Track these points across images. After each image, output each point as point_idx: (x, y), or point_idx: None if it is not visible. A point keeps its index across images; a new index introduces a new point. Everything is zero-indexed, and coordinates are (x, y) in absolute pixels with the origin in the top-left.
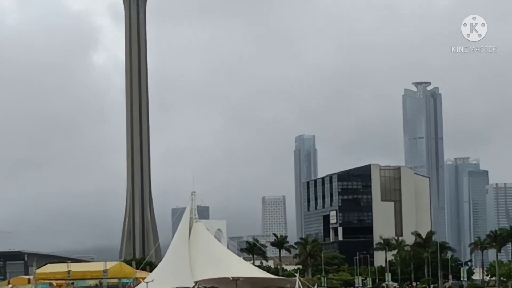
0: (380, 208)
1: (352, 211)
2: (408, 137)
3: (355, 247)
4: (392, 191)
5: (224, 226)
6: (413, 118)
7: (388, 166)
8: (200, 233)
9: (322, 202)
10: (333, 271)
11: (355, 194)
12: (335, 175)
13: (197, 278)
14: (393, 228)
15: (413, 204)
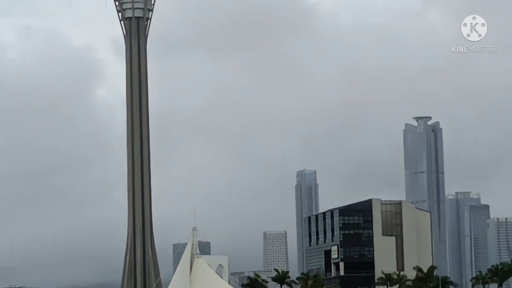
0: (381, 243)
1: (353, 246)
2: (409, 172)
3: (356, 282)
4: (393, 225)
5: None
6: (414, 153)
7: (389, 201)
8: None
9: (324, 237)
10: None
11: (356, 229)
12: (336, 210)
13: None
14: (395, 263)
15: (414, 239)
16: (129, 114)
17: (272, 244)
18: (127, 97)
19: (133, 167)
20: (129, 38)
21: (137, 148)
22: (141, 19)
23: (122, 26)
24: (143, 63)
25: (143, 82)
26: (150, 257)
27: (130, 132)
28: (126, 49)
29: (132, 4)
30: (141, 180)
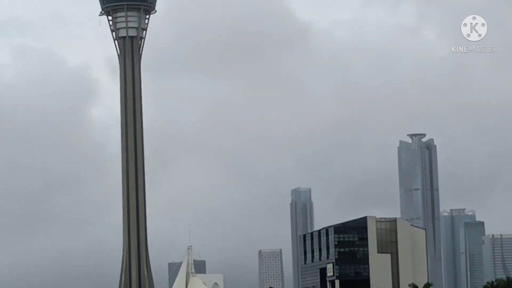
0: (376, 260)
1: (348, 263)
2: (403, 189)
3: None
4: (389, 243)
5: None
6: (408, 170)
7: (384, 218)
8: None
9: (319, 255)
10: None
11: (351, 246)
12: (331, 227)
13: None
14: (390, 280)
15: (409, 256)
16: (124, 133)
17: (267, 262)
18: (122, 116)
19: (128, 186)
20: (123, 58)
21: (132, 167)
22: (135, 38)
23: (116, 45)
24: (137, 82)
25: (137, 101)
26: (146, 276)
27: (125, 151)
28: (120, 69)
29: (126, 24)
30: (136, 199)
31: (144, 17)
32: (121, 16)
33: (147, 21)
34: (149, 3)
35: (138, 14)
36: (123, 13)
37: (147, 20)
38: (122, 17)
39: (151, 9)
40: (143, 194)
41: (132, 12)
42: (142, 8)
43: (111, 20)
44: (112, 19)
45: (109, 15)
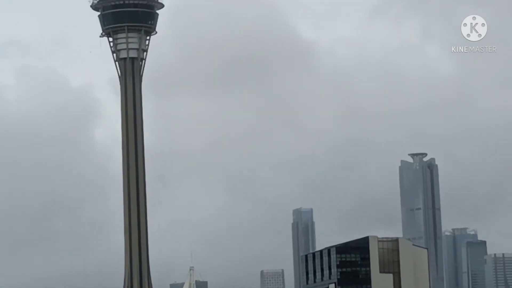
0: (379, 280)
1: (351, 283)
2: (405, 208)
3: None
4: (391, 262)
5: None
6: (410, 189)
7: (386, 238)
8: None
9: (321, 275)
10: None
11: (353, 266)
12: (333, 247)
13: None
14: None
15: (412, 276)
16: (125, 154)
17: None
18: (123, 137)
19: (129, 207)
20: (124, 79)
21: (133, 188)
22: (136, 59)
23: (116, 66)
24: (138, 103)
25: (138, 122)
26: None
27: (126, 172)
28: (121, 90)
29: (126, 45)
30: (138, 220)
31: (144, 39)
32: (122, 37)
33: (148, 42)
34: (150, 24)
35: (138, 36)
36: (123, 34)
37: (147, 41)
38: (122, 38)
39: (151, 30)
40: (144, 215)
41: (133, 33)
42: (142, 29)
43: (111, 41)
44: (112, 40)
45: (110, 37)
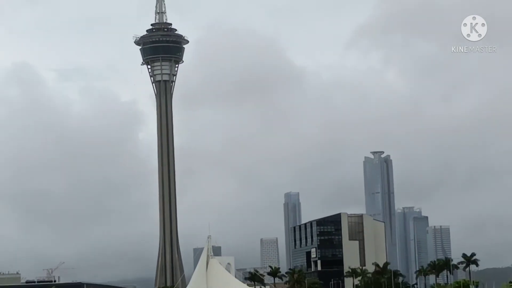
0: (348, 246)
1: (327, 248)
2: (368, 192)
3: (330, 275)
4: (357, 232)
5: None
6: (371, 178)
7: (354, 214)
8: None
9: (305, 242)
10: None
11: (329, 235)
12: (315, 221)
13: None
14: (358, 260)
15: (372, 242)
16: (160, 152)
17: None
18: (158, 139)
19: (163, 192)
20: (159, 96)
21: (166, 177)
22: (168, 82)
23: (153, 87)
24: (170, 114)
25: (170, 128)
26: (176, 259)
27: (161, 165)
28: (157, 104)
29: (160, 71)
30: (169, 202)
31: (174, 66)
32: (157, 65)
33: (177, 69)
34: (178, 55)
35: (170, 64)
36: (158, 63)
37: (176, 68)
38: (158, 66)
39: (179, 60)
40: (174, 198)
41: (165, 62)
42: (173, 59)
43: (149, 68)
44: (150, 67)
45: (148, 65)
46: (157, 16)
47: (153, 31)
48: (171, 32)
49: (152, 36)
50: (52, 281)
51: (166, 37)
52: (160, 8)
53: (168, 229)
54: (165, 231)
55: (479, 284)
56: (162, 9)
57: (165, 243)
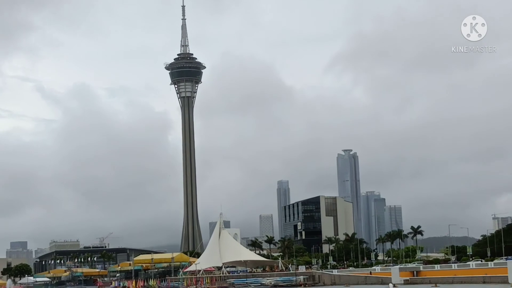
0: (325, 220)
1: (309, 222)
2: (340, 180)
3: (311, 242)
4: (332, 210)
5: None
6: (342, 169)
7: (329, 196)
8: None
9: (293, 217)
10: (299, 256)
11: (311, 212)
12: (300, 202)
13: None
14: (333, 231)
15: (343, 218)
16: (184, 150)
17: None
18: (183, 140)
19: (186, 180)
20: (183, 108)
21: (189, 169)
22: (190, 97)
23: (179, 101)
24: (191, 122)
25: (191, 132)
26: (196, 230)
27: (185, 160)
28: (182, 114)
29: (184, 89)
30: (191, 187)
31: (195, 85)
32: (182, 85)
33: (197, 87)
34: (198, 78)
35: (191, 84)
36: (183, 83)
37: (196, 87)
38: (182, 85)
39: (199, 81)
40: (195, 185)
41: (188, 83)
42: (193, 80)
43: (176, 87)
44: (176, 87)
45: (175, 85)
46: (182, 48)
47: (179, 59)
48: (192, 60)
49: (178, 63)
50: (103, 246)
51: (189, 64)
52: (184, 42)
53: (190, 208)
54: (187, 209)
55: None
56: (186, 43)
57: (188, 218)
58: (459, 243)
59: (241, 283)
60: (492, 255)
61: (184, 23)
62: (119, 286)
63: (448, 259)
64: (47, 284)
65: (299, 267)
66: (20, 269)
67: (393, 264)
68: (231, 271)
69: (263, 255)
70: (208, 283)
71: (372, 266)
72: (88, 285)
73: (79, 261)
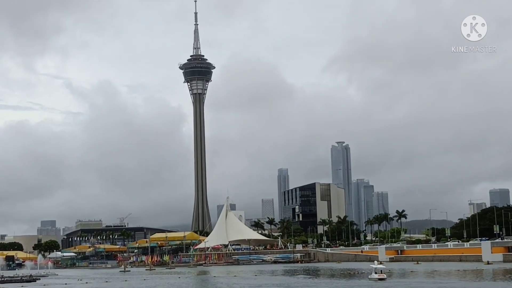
0: (320, 204)
1: (306, 205)
2: (334, 169)
3: (308, 223)
4: (326, 195)
5: (243, 214)
6: (336, 159)
7: (324, 183)
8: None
9: (292, 201)
10: (297, 235)
11: (307, 197)
12: (298, 188)
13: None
14: (327, 214)
15: (336, 202)
16: (195, 141)
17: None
18: (194, 132)
19: (197, 167)
20: (195, 103)
21: (199, 158)
22: (201, 94)
23: (191, 97)
24: (202, 116)
25: (202, 125)
26: (206, 212)
27: (196, 150)
28: (194, 108)
29: (196, 87)
30: (202, 174)
31: (205, 83)
32: (194, 83)
33: (207, 85)
34: (208, 76)
35: (202, 82)
36: (195, 81)
37: (207, 85)
38: (194, 83)
39: (209, 79)
40: (205, 171)
41: (200, 81)
42: (204, 79)
43: (189, 85)
44: (189, 84)
45: (188, 82)
46: (194, 50)
47: (191, 60)
48: (203, 61)
49: (191, 63)
50: (123, 226)
51: (200, 64)
52: (196, 45)
53: (200, 192)
54: (198, 193)
55: (406, 231)
56: (198, 46)
57: (198, 201)
58: (439, 225)
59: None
60: (468, 237)
61: (197, 28)
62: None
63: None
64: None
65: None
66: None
67: (380, 243)
68: (236, 248)
69: (265, 234)
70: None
71: (362, 245)
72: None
73: (101, 238)
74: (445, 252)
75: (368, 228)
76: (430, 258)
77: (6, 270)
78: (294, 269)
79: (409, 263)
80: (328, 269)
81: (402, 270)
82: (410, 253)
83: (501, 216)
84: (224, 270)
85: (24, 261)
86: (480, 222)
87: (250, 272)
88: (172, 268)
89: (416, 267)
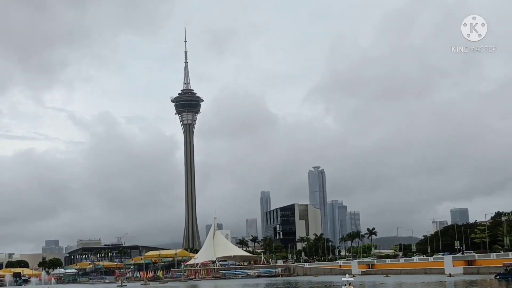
0: (299, 223)
1: (286, 224)
2: (311, 191)
3: (288, 241)
4: (304, 215)
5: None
6: (313, 182)
7: (302, 204)
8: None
9: (273, 221)
10: (278, 252)
11: (287, 217)
12: (279, 208)
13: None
14: (305, 232)
15: (313, 221)
16: (185, 165)
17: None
18: (185, 158)
19: (187, 190)
20: (185, 133)
21: (189, 182)
22: (191, 125)
23: (182, 127)
24: (192, 144)
25: (192, 151)
26: (195, 231)
27: (187, 174)
28: (184, 138)
29: (186, 118)
30: (192, 196)
31: (194, 115)
32: (184, 114)
33: (196, 116)
34: (197, 109)
35: (192, 114)
36: (185, 113)
37: (196, 116)
38: (185, 115)
39: (198, 111)
40: (194, 194)
41: (189, 113)
42: (193, 111)
43: (180, 116)
44: (180, 116)
45: (179, 114)
46: (184, 85)
47: (182, 94)
48: (193, 95)
49: (181, 97)
50: (120, 244)
51: (190, 98)
52: (186, 80)
53: (190, 212)
54: (188, 214)
55: (376, 246)
56: (188, 81)
57: (189, 221)
58: (406, 242)
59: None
60: (431, 252)
61: (187, 65)
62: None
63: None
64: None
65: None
66: (53, 262)
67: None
68: (223, 264)
69: (249, 251)
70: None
71: (336, 260)
72: (108, 275)
73: (100, 256)
74: (412, 266)
75: (342, 244)
76: (398, 271)
77: (14, 286)
78: (276, 282)
79: (379, 276)
80: (306, 282)
81: (373, 283)
82: (380, 267)
83: (461, 232)
84: (212, 284)
85: (30, 277)
86: (443, 238)
87: (236, 286)
88: (165, 283)
89: (385, 279)
